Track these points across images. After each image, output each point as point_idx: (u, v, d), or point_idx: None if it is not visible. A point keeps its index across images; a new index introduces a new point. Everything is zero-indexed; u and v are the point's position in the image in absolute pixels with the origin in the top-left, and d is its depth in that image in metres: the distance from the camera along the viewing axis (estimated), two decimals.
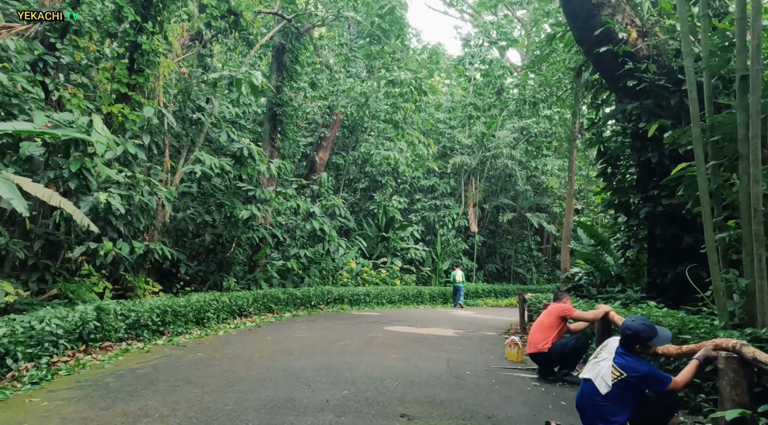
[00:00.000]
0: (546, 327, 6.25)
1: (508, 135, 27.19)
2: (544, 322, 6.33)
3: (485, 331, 11.48)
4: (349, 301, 17.27)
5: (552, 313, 6.31)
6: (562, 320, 6.24)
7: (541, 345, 6.11)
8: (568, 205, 13.99)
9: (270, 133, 16.21)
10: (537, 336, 6.25)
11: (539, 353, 6.14)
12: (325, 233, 17.50)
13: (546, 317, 6.39)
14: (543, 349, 6.09)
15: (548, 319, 6.32)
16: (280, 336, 8.84)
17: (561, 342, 6.11)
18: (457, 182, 29.14)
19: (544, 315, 6.46)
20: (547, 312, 6.43)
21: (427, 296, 22.00)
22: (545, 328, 6.25)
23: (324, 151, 25.28)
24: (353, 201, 27.51)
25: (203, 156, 11.16)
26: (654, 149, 9.15)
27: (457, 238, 27.59)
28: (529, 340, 6.42)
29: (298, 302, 14.60)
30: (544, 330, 6.24)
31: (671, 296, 9.26)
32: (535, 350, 6.18)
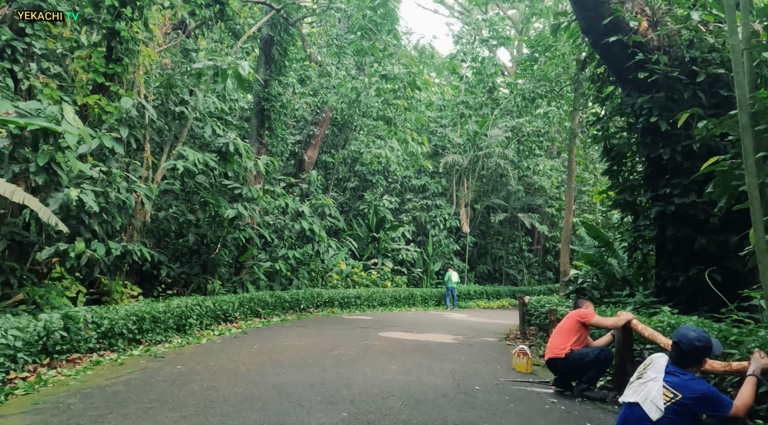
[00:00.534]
0: (565, 332, 5.76)
1: (500, 134, 26.74)
2: (563, 327, 5.86)
3: (485, 337, 10.93)
4: (340, 304, 16.64)
5: (571, 318, 5.82)
6: (581, 325, 5.72)
7: (559, 350, 5.59)
8: (568, 204, 13.51)
9: (257, 129, 15.52)
10: (555, 340, 5.76)
11: (556, 358, 5.62)
12: (314, 234, 16.85)
13: (565, 322, 5.92)
14: (560, 354, 5.57)
15: (567, 324, 5.84)
16: (269, 344, 8.20)
17: (582, 351, 5.56)
18: (449, 182, 28.63)
19: (563, 321, 5.99)
20: (566, 318, 5.96)
21: (419, 298, 21.45)
22: (564, 333, 5.76)
23: (313, 149, 24.60)
24: (343, 201, 26.86)
25: (186, 151, 10.46)
26: (666, 145, 8.66)
27: (448, 238, 27.08)
28: (548, 346, 5.90)
29: (287, 306, 13.94)
30: (563, 334, 5.74)
31: (682, 300, 8.78)
32: (552, 355, 5.68)
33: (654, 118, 8.52)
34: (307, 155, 23.99)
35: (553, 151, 34.31)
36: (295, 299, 14.35)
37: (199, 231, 13.26)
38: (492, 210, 30.51)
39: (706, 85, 8.52)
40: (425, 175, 27.93)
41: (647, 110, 8.70)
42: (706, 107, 8.68)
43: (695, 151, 8.42)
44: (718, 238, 8.47)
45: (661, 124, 8.51)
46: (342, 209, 26.76)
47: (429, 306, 21.85)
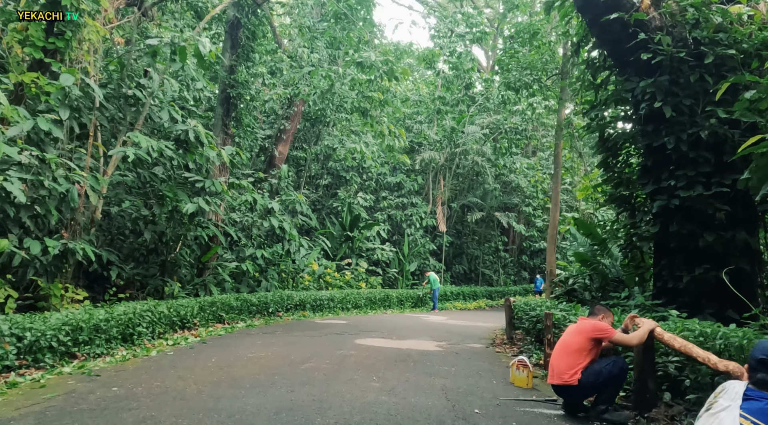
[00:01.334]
0: (574, 352, 4.74)
1: (477, 131, 26.09)
2: (572, 344, 4.82)
3: (469, 342, 10.07)
4: (312, 307, 15.58)
5: (583, 333, 4.81)
6: (595, 343, 4.78)
7: (569, 377, 4.63)
8: (554, 201, 12.79)
9: (223, 118, 14.34)
10: (561, 362, 4.76)
11: (566, 386, 4.67)
12: (284, 232, 15.76)
13: (574, 336, 4.87)
14: (571, 381, 4.61)
15: (577, 340, 4.80)
16: (229, 355, 7.13)
17: (593, 369, 4.66)
18: (425, 180, 27.83)
19: (571, 334, 4.95)
20: (576, 330, 4.93)
21: (395, 300, 20.54)
22: (573, 353, 4.75)
23: (284, 144, 23.43)
24: (315, 198, 25.77)
25: (138, 137, 9.27)
26: (670, 133, 7.94)
27: (424, 238, 26.28)
28: (551, 366, 4.93)
29: (254, 310, 12.83)
30: (572, 354, 4.74)
31: (685, 302, 8.08)
32: (560, 381, 4.70)
33: (658, 103, 7.79)
34: (277, 151, 22.82)
35: (529, 150, 33.93)
36: (263, 303, 13.24)
37: (157, 228, 12.04)
38: (468, 209, 29.87)
39: (713, 67, 7.85)
40: (401, 172, 27.06)
41: (650, 94, 7.97)
42: (710, 93, 8.02)
43: (703, 140, 7.73)
44: (726, 235, 7.80)
45: (666, 110, 7.79)
46: (314, 207, 25.67)
47: (405, 308, 20.98)
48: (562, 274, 12.48)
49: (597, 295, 10.06)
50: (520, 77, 12.03)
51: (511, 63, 12.07)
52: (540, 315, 9.09)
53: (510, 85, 12.28)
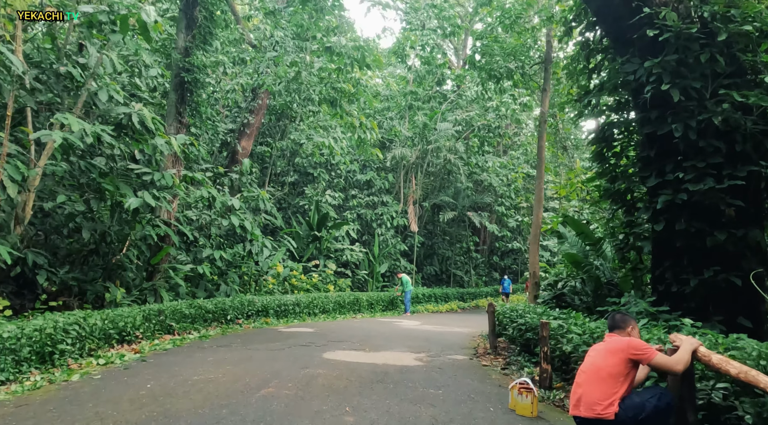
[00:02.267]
0: (608, 377, 3.72)
1: (449, 127, 25.26)
2: (604, 367, 3.79)
3: (451, 353, 9.06)
4: (276, 313, 14.32)
5: (617, 353, 3.79)
6: (632, 366, 3.79)
7: (603, 409, 3.62)
8: (537, 198, 11.94)
9: (176, 105, 12.95)
10: (593, 390, 3.73)
11: (598, 420, 3.66)
12: (246, 231, 14.48)
13: (606, 358, 3.84)
14: (605, 415, 3.60)
15: (611, 363, 3.78)
16: (171, 379, 5.90)
17: (633, 401, 3.66)
18: (396, 178, 26.84)
19: (601, 355, 3.91)
20: (606, 350, 3.90)
21: (365, 303, 19.44)
22: (607, 378, 3.73)
23: (247, 139, 22.03)
24: (281, 197, 24.44)
25: (69, 119, 7.88)
26: (677, 120, 7.10)
27: (395, 238, 25.27)
28: (576, 394, 3.88)
29: (210, 318, 11.52)
30: (605, 381, 3.72)
31: (691, 308, 7.27)
32: (591, 414, 3.67)
33: (665, 85, 6.93)
34: (240, 146, 21.40)
35: (500, 150, 33.37)
36: (220, 309, 11.95)
37: (97, 227, 10.63)
38: (440, 208, 29.05)
39: (724, 46, 7.07)
40: (371, 170, 25.99)
41: (656, 76, 7.11)
42: (721, 76, 7.25)
43: (713, 127, 6.93)
44: (737, 233, 7.02)
45: (674, 93, 6.95)
46: (280, 206, 24.35)
47: (376, 312, 19.90)
48: (547, 276, 11.64)
49: (589, 300, 9.20)
50: (504, 64, 11.11)
51: (495, 47, 11.16)
52: (530, 324, 8.16)
53: (492, 72, 11.37)
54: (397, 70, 34.85)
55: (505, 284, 26.75)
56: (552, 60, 11.94)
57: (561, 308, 9.30)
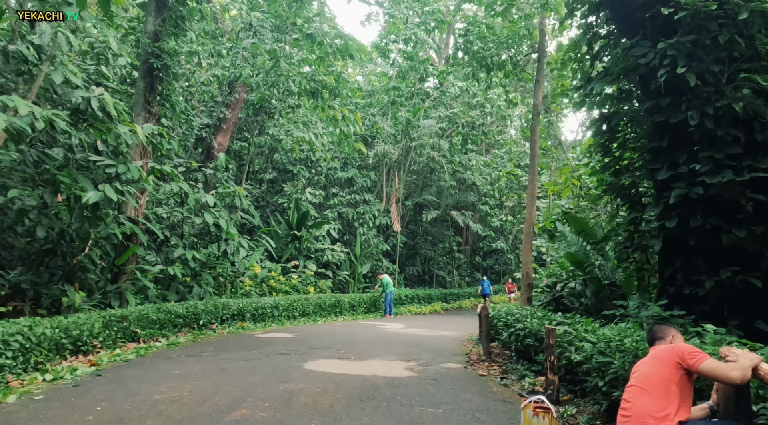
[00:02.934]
0: (658, 385, 3.07)
1: (433, 124, 24.64)
2: (652, 375, 3.13)
3: (443, 361, 8.37)
4: (252, 316, 13.48)
5: (664, 358, 3.12)
6: (683, 372, 3.13)
7: (656, 422, 2.97)
8: (530, 194, 11.34)
9: (145, 94, 12.00)
10: (643, 403, 3.04)
11: None
12: (221, 230, 13.60)
13: (653, 366, 3.16)
14: None
15: (658, 369, 3.13)
16: (127, 398, 5.07)
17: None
18: (378, 176, 26.12)
19: (648, 364, 3.25)
20: (652, 358, 3.23)
21: (347, 305, 18.68)
22: (657, 386, 3.05)
23: (224, 135, 21.04)
24: (259, 195, 23.50)
25: (15, 101, 6.96)
26: (693, 107, 6.53)
27: (377, 238, 24.54)
28: (626, 411, 3.20)
29: (180, 323, 10.64)
30: (656, 390, 3.02)
31: (704, 312, 6.72)
32: None
33: (681, 69, 6.34)
34: (216, 142, 20.41)
35: (483, 149, 32.89)
36: (192, 313, 11.07)
37: (54, 224, 9.67)
38: (423, 208, 28.41)
39: (743, 27, 6.52)
40: (352, 167, 25.22)
41: (670, 59, 6.53)
42: (738, 59, 6.71)
43: (731, 114, 6.37)
44: (756, 230, 6.49)
45: (689, 77, 6.36)
46: (258, 204, 23.42)
47: (358, 314, 19.15)
48: (543, 276, 11.06)
49: (589, 303, 8.62)
50: (496, 51, 10.46)
51: (487, 34, 10.51)
52: (530, 329, 7.52)
53: (483, 61, 10.72)
54: (378, 68, 34.18)
55: (485, 285, 25.86)
56: (546, 50, 11.36)
57: (560, 311, 8.69)
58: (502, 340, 9.45)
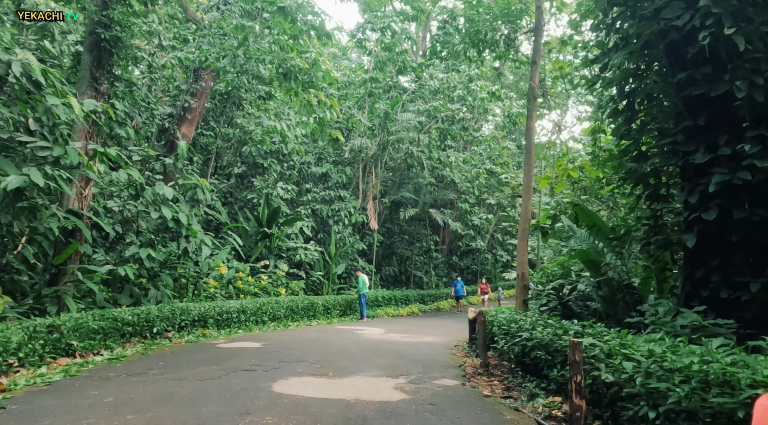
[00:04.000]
0: None
1: (412, 118, 23.51)
2: None
3: (437, 376, 7.19)
4: (216, 322, 12.07)
5: None
6: None
7: None
8: (526, 187, 10.27)
9: (91, 69, 10.47)
10: None
11: None
12: (181, 226, 12.15)
13: None
14: None
15: None
16: None
17: None
18: (354, 171, 24.85)
19: None
20: None
21: (321, 308, 17.37)
22: None
23: (189, 126, 19.46)
24: (227, 190, 21.95)
25: None
26: (739, 77, 5.52)
27: (353, 236, 23.27)
28: None
29: (129, 332, 9.19)
30: None
31: (746, 319, 5.74)
32: None
33: (729, 29, 5.30)
34: (180, 132, 18.82)
35: (460, 146, 31.93)
36: (143, 320, 9.62)
37: None
38: (400, 205, 27.26)
39: None
40: (327, 162, 23.88)
41: (714, 18, 5.50)
42: None
43: None
44: None
45: (738, 40, 5.33)
46: (225, 200, 21.87)
47: (333, 317, 17.87)
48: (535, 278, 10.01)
49: (600, 308, 7.56)
50: (492, 25, 9.33)
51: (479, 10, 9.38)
52: (540, 340, 6.40)
53: (476, 36, 9.59)
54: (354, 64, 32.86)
55: (458, 287, 25.02)
56: (543, 29, 10.31)
57: (567, 317, 7.62)
58: (499, 349, 8.35)
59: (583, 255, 7.01)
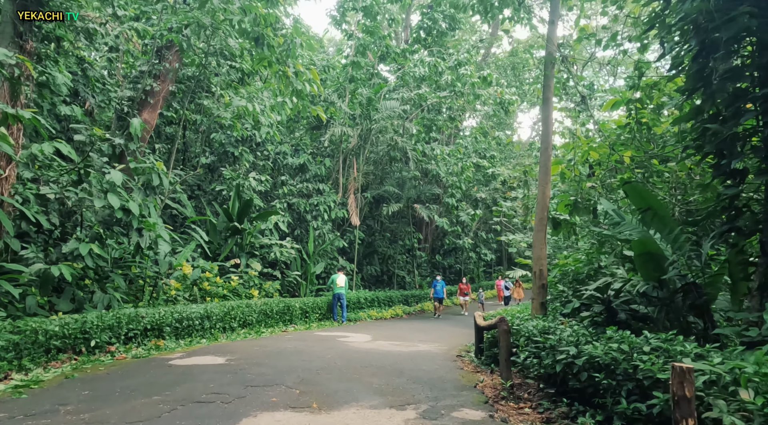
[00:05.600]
0: None
1: (396, 106, 21.83)
2: None
3: (453, 404, 5.50)
4: (175, 331, 10.18)
5: None
6: None
7: None
8: (543, 170, 8.68)
9: (14, 21, 8.46)
10: None
11: None
12: (132, 217, 10.21)
13: None
14: None
15: None
16: None
17: None
18: (334, 163, 23.04)
19: None
20: None
21: (298, 312, 15.56)
22: None
23: (151, 111, 17.38)
24: (194, 182, 19.91)
25: None
26: None
27: (333, 233, 21.45)
28: None
29: (57, 347, 7.27)
30: None
31: None
32: None
33: None
34: (142, 118, 16.76)
35: (443, 139, 30.38)
36: (77, 332, 7.71)
37: None
38: (383, 201, 25.55)
39: None
40: (305, 153, 21.98)
41: None
42: None
43: None
44: None
45: None
46: (192, 194, 19.83)
47: (311, 321, 16.08)
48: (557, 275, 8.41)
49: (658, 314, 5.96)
50: None
51: None
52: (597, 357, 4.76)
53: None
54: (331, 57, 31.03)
55: (438, 287, 21.98)
56: None
57: (610, 325, 6.00)
58: (520, 364, 6.71)
59: (641, 247, 5.43)
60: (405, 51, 24.65)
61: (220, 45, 14.78)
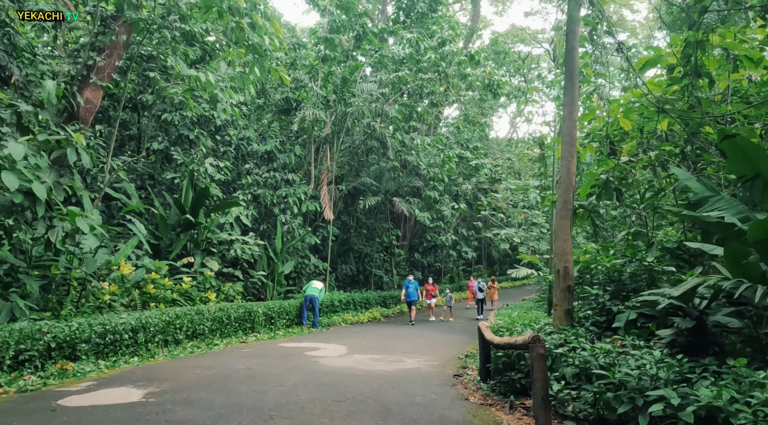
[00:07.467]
0: None
1: (374, 89, 19.76)
2: None
3: None
4: (95, 349, 7.93)
5: None
6: None
7: None
8: (568, 141, 6.74)
9: None
10: None
11: None
12: (37, 202, 7.93)
13: None
14: None
15: None
16: None
17: None
18: (305, 153, 20.85)
19: None
20: None
21: (262, 318, 13.38)
22: None
23: (94, 90, 14.85)
24: (144, 170, 17.47)
25: None
26: None
27: (303, 228, 19.27)
28: None
29: None
30: None
31: None
32: None
33: None
34: (83, 98, 14.30)
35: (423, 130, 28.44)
36: None
37: None
38: (359, 194, 23.45)
39: None
40: (272, 139, 19.72)
41: None
42: None
43: None
44: None
45: None
46: (142, 183, 17.38)
47: (278, 329, 13.91)
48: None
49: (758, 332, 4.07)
50: None
51: None
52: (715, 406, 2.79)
53: None
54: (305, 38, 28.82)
55: (411, 289, 18.08)
56: None
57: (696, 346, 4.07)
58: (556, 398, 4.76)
59: (762, 230, 3.52)
60: (383, 31, 22.65)
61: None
